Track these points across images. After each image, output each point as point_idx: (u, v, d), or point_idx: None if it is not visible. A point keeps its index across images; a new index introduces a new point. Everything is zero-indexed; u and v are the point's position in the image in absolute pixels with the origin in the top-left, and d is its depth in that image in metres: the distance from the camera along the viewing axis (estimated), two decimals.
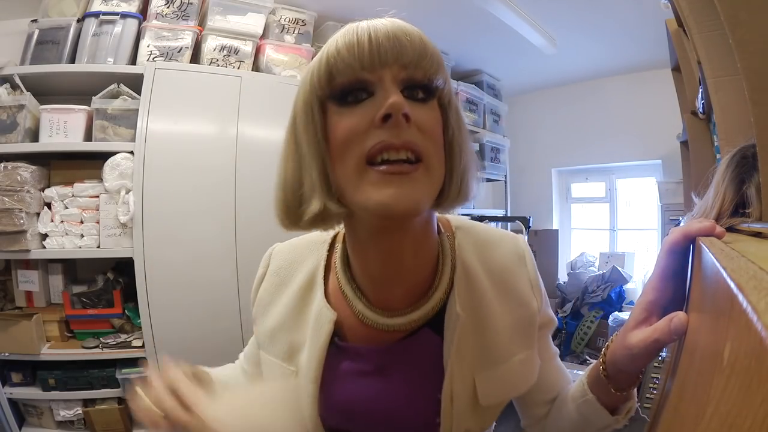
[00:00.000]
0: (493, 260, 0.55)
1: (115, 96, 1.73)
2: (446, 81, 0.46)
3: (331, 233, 0.58)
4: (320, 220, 0.45)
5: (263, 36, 2.07)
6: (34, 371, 1.72)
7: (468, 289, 0.52)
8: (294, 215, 0.47)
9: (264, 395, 0.49)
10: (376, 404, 0.52)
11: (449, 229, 0.56)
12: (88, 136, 1.72)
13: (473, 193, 0.48)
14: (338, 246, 0.57)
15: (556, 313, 3.21)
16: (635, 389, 0.51)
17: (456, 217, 0.59)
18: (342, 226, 0.51)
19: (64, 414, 1.73)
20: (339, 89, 0.43)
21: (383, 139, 0.40)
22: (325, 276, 0.56)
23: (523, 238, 0.59)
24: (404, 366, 0.52)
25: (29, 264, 1.70)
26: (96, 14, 1.77)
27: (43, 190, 1.68)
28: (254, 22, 2.01)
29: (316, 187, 0.44)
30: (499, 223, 3.35)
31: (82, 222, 1.68)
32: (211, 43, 1.92)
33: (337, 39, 0.44)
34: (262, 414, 0.45)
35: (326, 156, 0.43)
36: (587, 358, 2.93)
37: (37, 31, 1.75)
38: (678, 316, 0.39)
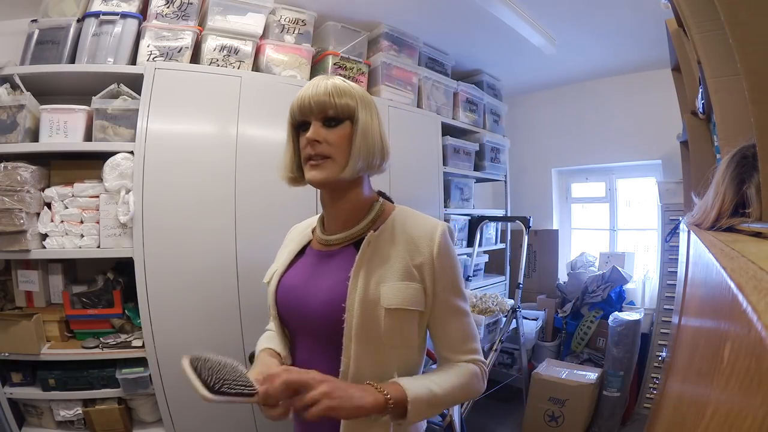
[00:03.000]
0: (411, 228, 0.82)
1: (115, 96, 1.73)
2: (354, 111, 0.78)
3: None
4: (292, 182, 0.86)
5: (263, 36, 2.06)
6: (34, 371, 1.72)
7: (384, 234, 0.82)
8: (282, 177, 0.86)
9: None
10: (308, 282, 0.83)
11: (391, 207, 0.88)
12: (88, 136, 1.72)
13: (359, 170, 0.80)
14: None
15: (556, 313, 3.21)
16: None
17: (404, 206, 0.89)
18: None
19: (64, 414, 1.73)
20: (297, 123, 0.82)
21: (308, 152, 0.79)
22: (314, 232, 0.93)
23: (445, 228, 0.83)
24: (332, 263, 0.84)
25: (29, 264, 1.70)
26: (96, 14, 1.77)
27: (43, 190, 1.68)
28: (254, 22, 2.01)
29: (289, 166, 0.84)
30: (499, 223, 3.35)
31: (82, 222, 1.68)
32: (211, 43, 1.92)
33: (299, 95, 0.79)
34: None
35: (296, 154, 0.84)
36: (588, 357, 2.93)
37: (37, 31, 1.74)
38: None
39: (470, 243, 3.01)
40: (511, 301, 2.73)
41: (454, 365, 0.82)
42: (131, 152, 1.69)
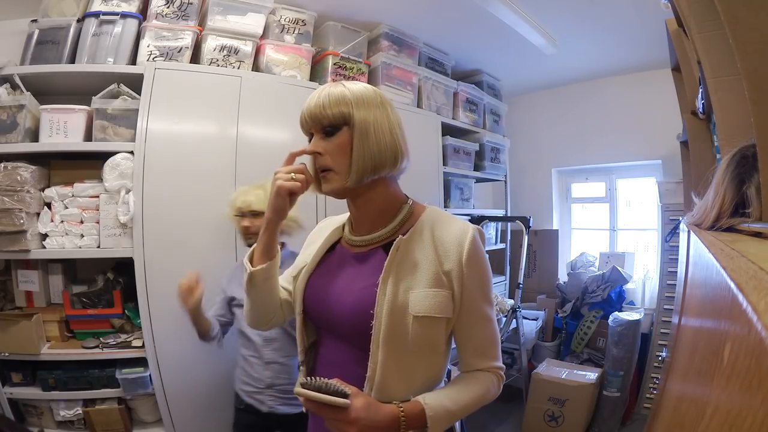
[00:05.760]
0: (441, 233, 0.80)
1: (115, 96, 1.73)
2: (350, 117, 0.77)
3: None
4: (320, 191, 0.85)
5: (263, 36, 2.07)
6: (34, 371, 1.72)
7: (413, 238, 0.80)
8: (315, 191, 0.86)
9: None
10: (337, 284, 0.83)
11: (421, 209, 0.87)
12: (88, 136, 1.72)
13: (365, 174, 0.78)
14: None
15: (556, 313, 3.21)
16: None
17: (434, 207, 0.88)
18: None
19: (64, 414, 1.73)
20: (307, 134, 0.83)
21: (315, 166, 0.81)
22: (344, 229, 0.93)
23: (475, 233, 0.79)
24: (361, 267, 0.83)
25: (29, 264, 1.70)
26: (96, 14, 1.77)
27: (43, 190, 1.68)
28: (254, 22, 2.01)
29: (317, 181, 0.83)
30: (499, 223, 3.35)
31: (82, 222, 1.68)
32: (211, 43, 1.92)
33: (301, 110, 0.80)
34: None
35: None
36: (588, 357, 2.93)
37: (37, 31, 1.75)
38: None
39: None
40: (511, 301, 2.73)
41: (473, 374, 0.83)
42: (131, 152, 1.69)
